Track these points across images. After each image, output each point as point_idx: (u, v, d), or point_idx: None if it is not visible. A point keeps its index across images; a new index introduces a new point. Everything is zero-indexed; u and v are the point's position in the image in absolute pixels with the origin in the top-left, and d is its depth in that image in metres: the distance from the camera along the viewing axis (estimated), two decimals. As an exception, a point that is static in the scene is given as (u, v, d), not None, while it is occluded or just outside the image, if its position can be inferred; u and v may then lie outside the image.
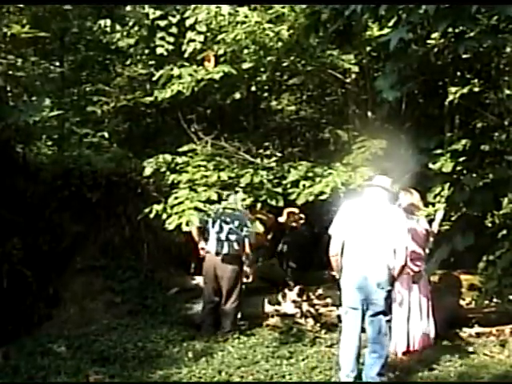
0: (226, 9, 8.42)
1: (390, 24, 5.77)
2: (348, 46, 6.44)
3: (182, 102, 9.66)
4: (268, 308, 10.08)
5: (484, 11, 4.00)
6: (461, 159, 6.01)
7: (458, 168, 5.05)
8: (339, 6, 4.46)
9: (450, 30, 4.24)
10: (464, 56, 6.51)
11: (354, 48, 7.75)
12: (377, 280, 7.11)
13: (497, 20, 4.41)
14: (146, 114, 12.94)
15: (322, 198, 7.98)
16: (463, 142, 5.12)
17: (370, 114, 10.32)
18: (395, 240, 7.10)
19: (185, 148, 9.29)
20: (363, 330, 7.34)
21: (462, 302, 9.66)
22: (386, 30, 6.45)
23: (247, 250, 9.64)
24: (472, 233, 4.85)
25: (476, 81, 7.51)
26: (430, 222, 9.09)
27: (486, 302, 9.38)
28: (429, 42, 4.95)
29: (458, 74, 5.04)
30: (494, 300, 9.31)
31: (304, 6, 7.19)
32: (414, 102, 7.18)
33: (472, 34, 4.31)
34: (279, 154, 10.46)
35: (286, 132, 12.22)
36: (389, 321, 7.30)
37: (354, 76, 10.40)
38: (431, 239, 9.10)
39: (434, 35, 4.92)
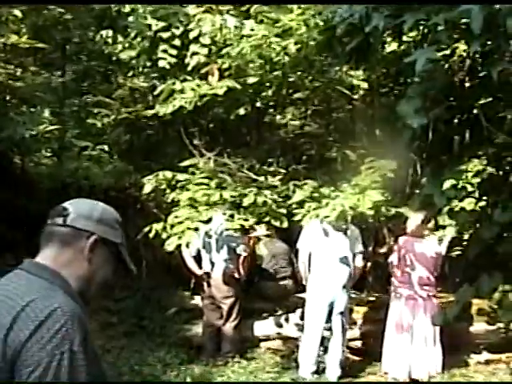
0: (231, 22, 8.10)
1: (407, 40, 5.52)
2: (364, 63, 6.13)
3: (184, 116, 9.34)
4: (269, 330, 9.74)
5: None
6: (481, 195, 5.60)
7: (481, 204, 4.72)
8: (357, 22, 4.13)
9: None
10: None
11: (369, 65, 7.40)
12: (341, 283, 8.41)
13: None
14: (147, 127, 12.61)
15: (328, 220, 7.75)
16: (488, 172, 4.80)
17: (378, 132, 10.03)
18: (354, 247, 8.54)
19: (186, 163, 8.99)
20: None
21: (471, 328, 9.32)
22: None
23: (241, 269, 9.34)
24: (500, 274, 4.51)
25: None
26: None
27: (495, 327, 9.06)
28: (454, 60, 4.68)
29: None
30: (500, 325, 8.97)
31: (318, 21, 6.85)
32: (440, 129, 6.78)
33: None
34: (283, 171, 10.11)
35: (291, 148, 11.87)
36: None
37: (361, 92, 10.11)
38: (439, 263, 8.80)
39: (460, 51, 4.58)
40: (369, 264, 10.21)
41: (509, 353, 9.18)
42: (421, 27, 4.17)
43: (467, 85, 4.40)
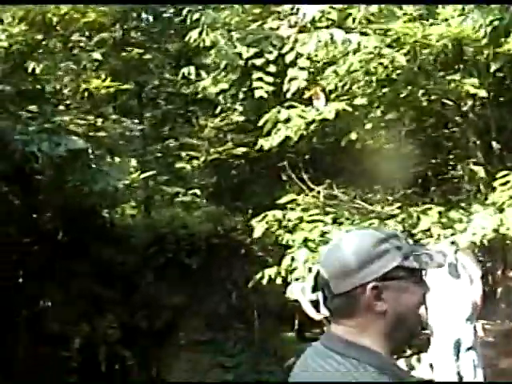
0: (339, 35, 7.16)
1: None
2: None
3: (285, 148, 8.59)
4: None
5: None
6: None
7: None
8: None
9: None
10: None
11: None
12: (464, 316, 7.09)
13: None
14: (236, 166, 11.91)
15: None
16: None
17: (494, 144, 9.08)
18: (469, 271, 7.06)
19: (285, 199, 8.19)
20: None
21: None
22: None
23: None
24: None
25: None
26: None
27: None
28: None
29: None
30: None
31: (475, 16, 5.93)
32: None
33: None
34: (391, 198, 9.25)
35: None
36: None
37: (470, 103, 9.19)
38: None
39: None
40: (499, 289, 9.27)
41: None
42: None
43: None
